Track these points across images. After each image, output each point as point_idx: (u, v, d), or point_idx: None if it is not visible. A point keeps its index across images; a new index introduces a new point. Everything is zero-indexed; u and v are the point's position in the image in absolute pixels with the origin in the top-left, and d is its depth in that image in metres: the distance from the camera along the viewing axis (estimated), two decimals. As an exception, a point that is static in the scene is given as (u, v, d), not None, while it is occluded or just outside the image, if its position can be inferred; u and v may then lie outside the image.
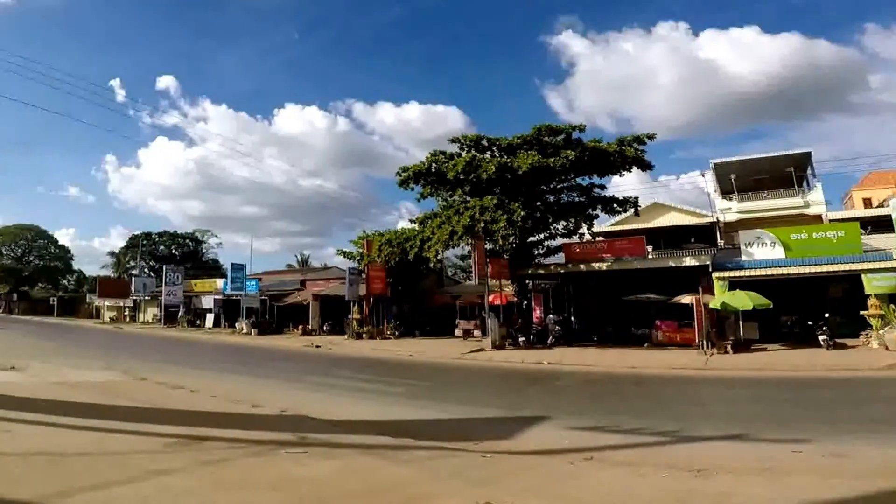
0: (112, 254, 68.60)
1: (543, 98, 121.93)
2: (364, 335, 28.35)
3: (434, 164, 24.75)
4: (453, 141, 25.57)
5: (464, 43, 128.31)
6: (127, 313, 51.05)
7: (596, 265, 22.65)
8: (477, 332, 27.01)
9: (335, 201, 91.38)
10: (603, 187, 26.04)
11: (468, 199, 24.21)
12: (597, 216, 26.19)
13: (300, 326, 33.88)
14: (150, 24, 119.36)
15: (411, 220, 29.03)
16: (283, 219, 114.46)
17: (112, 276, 61.95)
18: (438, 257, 25.38)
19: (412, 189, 25.82)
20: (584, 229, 26.14)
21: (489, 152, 25.06)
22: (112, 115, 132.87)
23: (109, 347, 21.65)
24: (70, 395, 8.61)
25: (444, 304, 32.21)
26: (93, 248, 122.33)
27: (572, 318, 25.03)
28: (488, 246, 23.76)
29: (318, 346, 25.09)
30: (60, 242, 73.17)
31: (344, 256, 34.00)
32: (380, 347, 23.62)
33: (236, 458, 5.29)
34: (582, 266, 23.23)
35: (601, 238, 27.57)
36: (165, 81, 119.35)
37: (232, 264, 38.91)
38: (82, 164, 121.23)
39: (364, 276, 30.27)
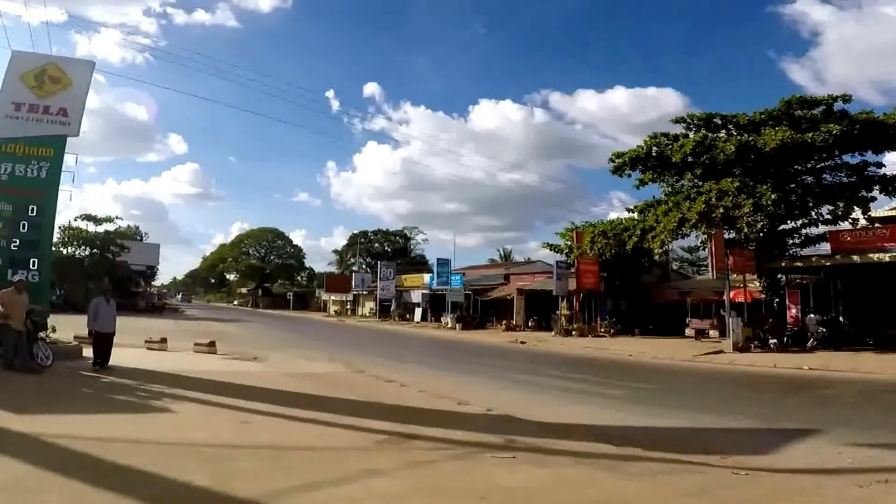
0: (336, 252, 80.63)
1: (782, 72, 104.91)
2: (574, 332, 28.04)
3: (655, 148, 24.19)
4: (676, 121, 25.06)
5: (672, 21, 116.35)
6: (348, 307, 59.40)
7: (875, 256, 19.46)
8: (713, 333, 24.37)
9: (537, 194, 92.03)
10: (881, 165, 22.95)
11: (700, 182, 23.34)
12: (873, 199, 22.83)
13: (503, 322, 34.98)
14: (350, 36, 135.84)
15: (628, 209, 28.35)
16: (484, 214, 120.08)
17: (336, 272, 72.72)
18: (664, 248, 24.72)
19: (628, 175, 25.66)
20: (857, 214, 22.46)
21: (723, 131, 24.06)
22: (330, 124, 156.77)
23: (332, 339, 25.30)
24: (300, 385, 10.07)
25: (671, 301, 29.69)
26: (320, 247, 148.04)
27: (840, 319, 20.90)
28: (728, 235, 22.13)
29: (522, 343, 25.56)
30: (294, 242, 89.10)
31: (550, 249, 34.20)
32: (592, 346, 23.01)
33: (442, 459, 5.40)
34: (855, 257, 20.12)
35: (880, 225, 22.39)
36: (371, 88, 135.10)
37: (437, 259, 42.09)
38: (309, 172, 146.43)
39: (573, 269, 30.11)
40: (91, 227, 40.23)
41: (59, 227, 40.36)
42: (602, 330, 28.60)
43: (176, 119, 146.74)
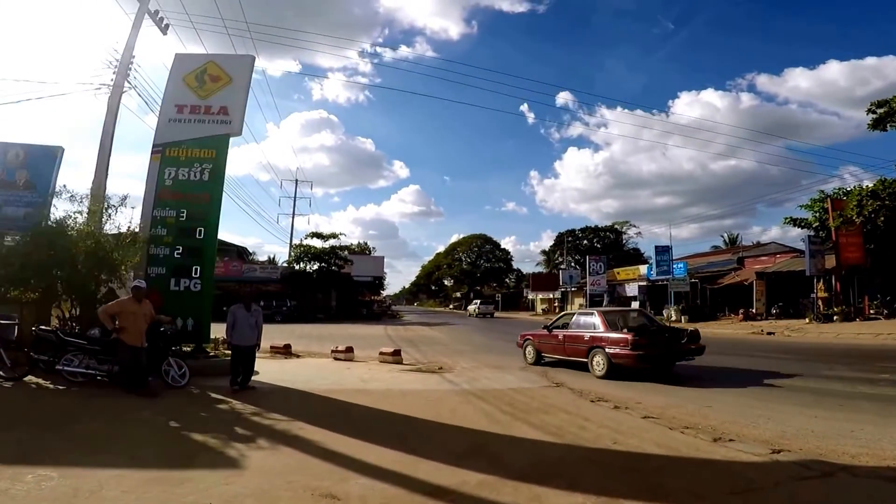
0: (543, 252, 77.83)
1: None
2: (835, 317, 22.51)
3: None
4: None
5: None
6: (556, 304, 55.58)
7: None
8: None
9: (756, 178, 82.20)
10: None
11: None
12: None
13: (740, 311, 29.09)
14: (536, 51, 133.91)
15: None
16: (698, 204, 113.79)
17: (543, 271, 69.66)
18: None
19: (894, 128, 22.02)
20: None
21: None
22: (529, 136, 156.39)
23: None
24: (473, 414, 7.07)
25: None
26: (529, 251, 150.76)
27: None
28: None
29: (770, 334, 20.84)
30: (503, 247, 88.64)
31: (794, 225, 28.62)
32: (868, 331, 17.71)
33: None
34: None
35: None
36: (563, 97, 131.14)
37: (656, 247, 36.22)
38: (514, 183, 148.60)
39: (828, 244, 24.63)
40: (318, 244, 43.64)
41: (292, 246, 45.12)
42: (872, 312, 22.73)
43: (397, 147, 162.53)
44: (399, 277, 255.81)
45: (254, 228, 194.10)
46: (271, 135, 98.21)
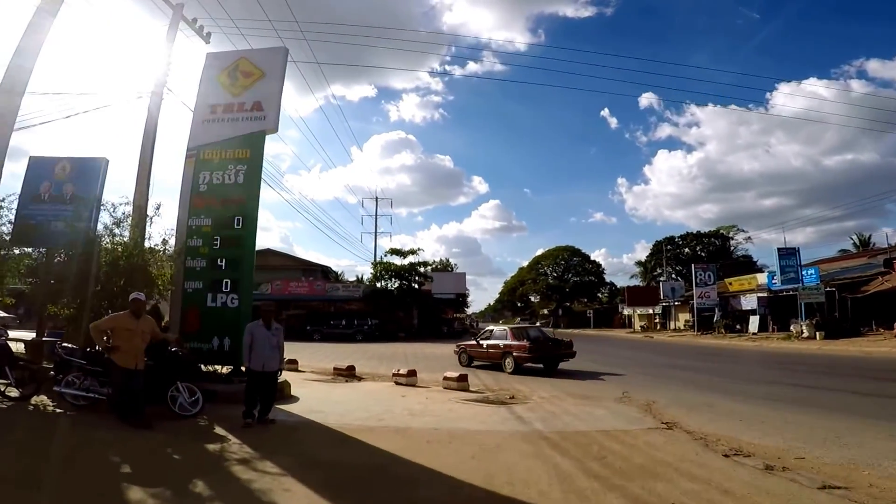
0: (638, 263, 72.27)
1: None
2: None
3: None
4: None
5: None
6: (657, 320, 50.88)
7: None
8: None
9: (880, 173, 71.06)
10: None
11: None
12: None
13: (895, 324, 23.80)
14: (613, 53, 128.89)
15: None
16: (814, 204, 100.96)
17: (640, 284, 64.58)
18: None
19: None
20: None
21: None
22: (612, 142, 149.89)
23: (632, 363, 19.00)
24: (547, 476, 4.99)
25: None
26: (621, 264, 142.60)
27: None
28: None
29: None
30: (593, 259, 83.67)
31: None
32: None
33: None
34: None
35: None
36: (647, 99, 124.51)
37: (779, 250, 31.44)
38: (600, 192, 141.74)
39: None
40: (398, 261, 42.99)
41: (371, 263, 44.81)
42: None
43: (475, 162, 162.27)
44: (484, 295, 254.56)
45: (343, 251, 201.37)
46: (356, 158, 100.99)
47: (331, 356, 18.28)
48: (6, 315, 20.15)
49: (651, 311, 52.05)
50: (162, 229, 10.61)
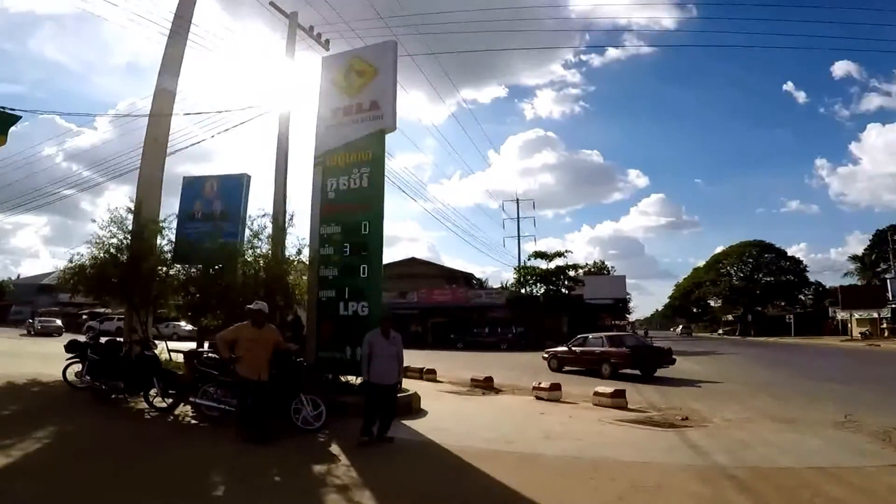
0: (853, 258, 61.90)
1: None
2: None
3: None
4: None
5: None
6: (884, 325, 41.95)
7: None
8: None
9: None
10: None
11: None
12: None
13: None
14: (787, 18, 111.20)
15: None
16: None
17: (857, 283, 54.43)
18: None
19: None
20: None
21: None
22: (803, 119, 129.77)
23: (852, 376, 15.22)
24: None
25: None
26: (828, 260, 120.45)
27: None
28: None
29: None
30: (789, 255, 72.09)
31: None
32: None
33: None
34: None
35: None
36: (842, 68, 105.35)
37: None
38: (793, 176, 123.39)
39: None
40: (543, 264, 41.45)
41: (514, 269, 43.61)
42: None
43: (630, 154, 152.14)
44: (650, 300, 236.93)
45: (487, 257, 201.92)
46: (493, 161, 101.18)
47: (471, 366, 17.78)
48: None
49: (876, 315, 43.27)
50: (296, 239, 10.98)
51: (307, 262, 10.45)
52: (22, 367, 12.58)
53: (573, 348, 17.41)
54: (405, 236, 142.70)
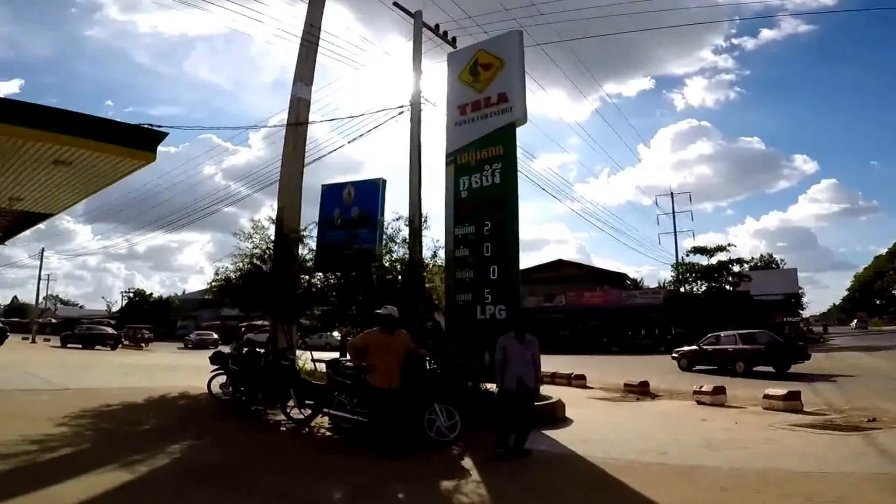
0: None
1: None
2: None
3: None
4: None
5: None
6: None
7: None
8: None
9: None
10: None
11: None
12: None
13: None
14: None
15: None
16: None
17: None
18: None
19: None
20: None
21: None
22: None
23: None
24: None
25: None
26: None
27: None
28: None
29: None
30: None
31: None
32: None
33: None
34: None
35: None
36: None
37: None
38: None
39: None
40: (703, 260, 38.24)
41: (671, 266, 40.35)
42: None
43: (794, 139, 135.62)
44: (825, 294, 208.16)
45: (641, 256, 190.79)
46: (644, 156, 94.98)
47: (625, 370, 16.88)
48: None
49: None
50: (431, 241, 10.89)
51: (442, 265, 10.32)
52: (177, 380, 12.96)
53: (704, 347, 18.04)
54: (552, 238, 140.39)
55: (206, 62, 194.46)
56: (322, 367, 10.68)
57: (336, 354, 11.96)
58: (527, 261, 60.50)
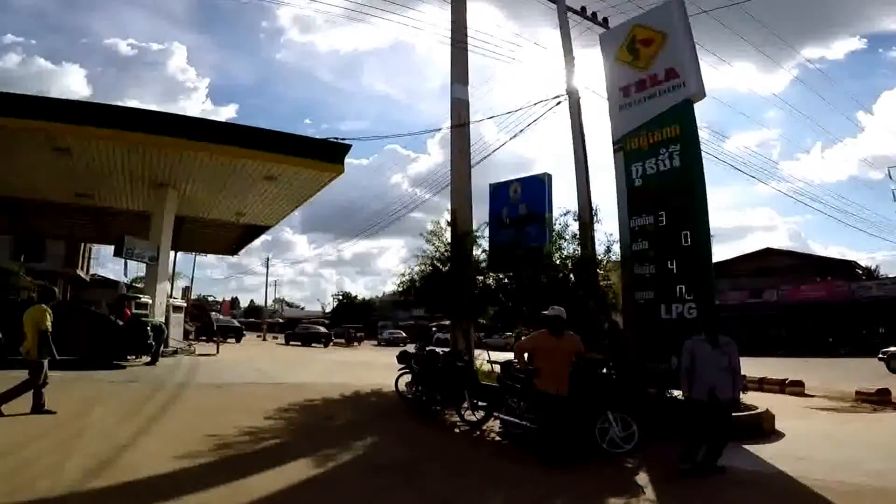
0: None
1: None
2: None
3: None
4: None
5: None
6: None
7: None
8: None
9: None
10: None
11: None
12: None
13: None
14: None
15: None
16: None
17: None
18: None
19: None
20: None
21: None
22: None
23: None
24: None
25: None
26: None
27: None
28: None
29: None
30: None
31: None
32: None
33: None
34: None
35: None
36: None
37: None
38: None
39: None
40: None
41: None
42: None
43: None
44: None
45: (875, 240, 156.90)
46: (865, 124, 77.90)
47: (856, 375, 14.23)
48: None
49: None
50: (604, 236, 10.30)
51: (618, 261, 9.65)
52: (370, 378, 13.33)
53: None
54: (757, 225, 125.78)
55: (380, 74, 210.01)
56: (498, 368, 10.90)
57: (512, 355, 11.89)
58: (724, 252, 55.45)
